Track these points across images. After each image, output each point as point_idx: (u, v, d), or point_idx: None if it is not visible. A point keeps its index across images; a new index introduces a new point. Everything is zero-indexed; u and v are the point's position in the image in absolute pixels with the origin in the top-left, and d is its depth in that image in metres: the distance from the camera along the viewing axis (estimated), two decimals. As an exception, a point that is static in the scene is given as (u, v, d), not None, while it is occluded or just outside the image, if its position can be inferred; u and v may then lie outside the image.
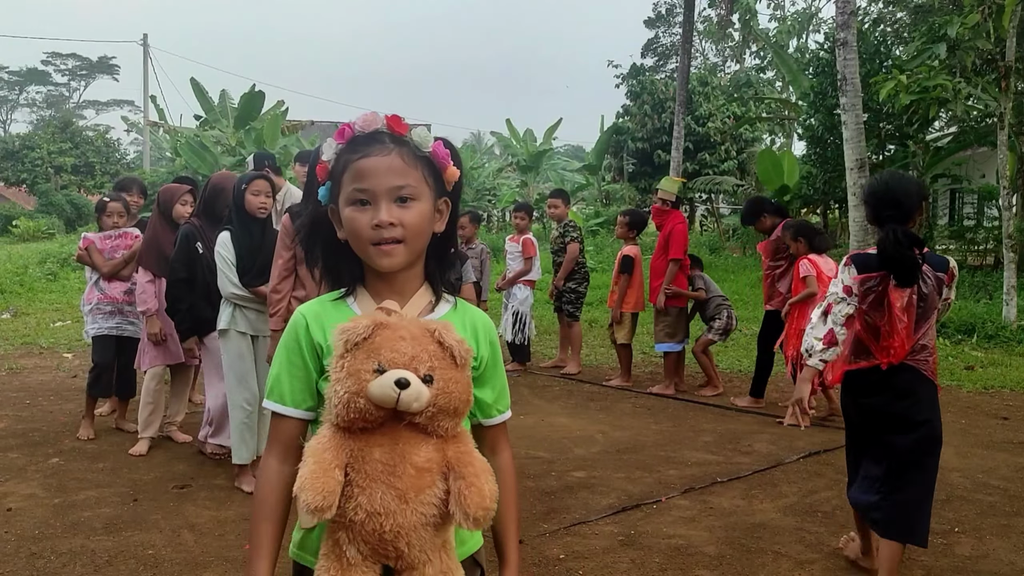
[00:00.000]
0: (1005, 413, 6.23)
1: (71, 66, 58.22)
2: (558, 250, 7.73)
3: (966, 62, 9.98)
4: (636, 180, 24.11)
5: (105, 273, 5.39)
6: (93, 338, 5.46)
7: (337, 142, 1.43)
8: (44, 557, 3.50)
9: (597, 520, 3.98)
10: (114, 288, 5.40)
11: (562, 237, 7.68)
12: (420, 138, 1.42)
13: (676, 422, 5.99)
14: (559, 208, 7.82)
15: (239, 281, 4.30)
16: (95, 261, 5.42)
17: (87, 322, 5.52)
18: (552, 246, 7.84)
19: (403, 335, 1.31)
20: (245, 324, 4.36)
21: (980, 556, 3.60)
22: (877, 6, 18.43)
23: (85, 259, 5.48)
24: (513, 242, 7.90)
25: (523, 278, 7.74)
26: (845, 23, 10.64)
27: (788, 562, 3.52)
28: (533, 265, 7.76)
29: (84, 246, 5.46)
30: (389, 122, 1.42)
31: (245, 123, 24.16)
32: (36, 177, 31.73)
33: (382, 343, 1.30)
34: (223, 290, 4.32)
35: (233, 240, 4.28)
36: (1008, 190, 10.38)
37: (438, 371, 1.31)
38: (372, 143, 1.39)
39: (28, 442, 5.28)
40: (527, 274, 7.74)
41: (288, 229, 4.08)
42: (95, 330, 5.42)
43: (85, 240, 5.49)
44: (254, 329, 4.38)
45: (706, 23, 34.04)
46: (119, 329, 5.41)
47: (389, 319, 1.35)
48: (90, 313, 5.46)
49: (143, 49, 33.22)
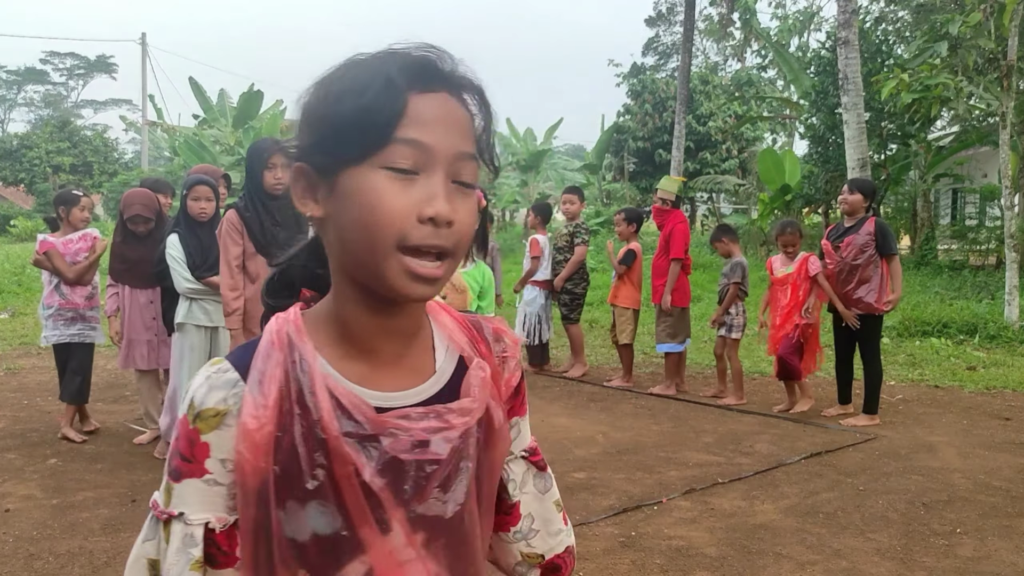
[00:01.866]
0: (1007, 414, 6.21)
1: (69, 65, 58.20)
2: (563, 247, 7.67)
3: (968, 61, 9.95)
4: (637, 179, 24.11)
5: (70, 279, 5.15)
6: (54, 346, 5.25)
7: None
8: (42, 558, 3.49)
9: (597, 521, 3.96)
10: (76, 293, 5.20)
11: (571, 237, 7.63)
12: None
13: (677, 423, 5.97)
14: (575, 204, 7.76)
15: (191, 276, 4.54)
16: (58, 266, 5.12)
17: (46, 327, 5.26)
18: (557, 242, 7.76)
19: None
20: (204, 316, 4.57)
21: (982, 557, 3.58)
22: (878, 5, 18.40)
23: (44, 264, 5.16)
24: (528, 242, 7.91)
25: (532, 278, 7.69)
26: (846, 22, 10.62)
27: (789, 563, 3.50)
28: (540, 265, 7.70)
29: (43, 250, 5.14)
30: None
31: (244, 122, 24.18)
32: (34, 176, 31.76)
33: None
34: (178, 287, 4.57)
35: (181, 241, 4.55)
36: (1010, 190, 10.35)
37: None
38: None
39: (26, 443, 5.26)
40: (534, 274, 7.69)
41: (235, 224, 4.06)
42: (56, 337, 5.19)
43: (43, 244, 5.16)
44: (212, 320, 4.57)
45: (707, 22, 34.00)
46: (81, 336, 5.24)
47: None
48: (50, 319, 5.20)
49: (142, 48, 33.21)
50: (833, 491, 4.43)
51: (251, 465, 0.87)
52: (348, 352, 0.91)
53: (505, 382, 1.02)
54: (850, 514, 4.10)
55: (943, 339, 9.17)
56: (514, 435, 1.05)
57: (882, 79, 10.49)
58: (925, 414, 6.19)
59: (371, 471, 0.87)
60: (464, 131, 0.88)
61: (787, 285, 6.04)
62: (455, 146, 0.86)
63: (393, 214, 0.83)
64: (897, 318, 9.45)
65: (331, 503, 0.87)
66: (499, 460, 1.00)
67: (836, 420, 5.94)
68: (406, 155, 0.84)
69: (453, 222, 0.85)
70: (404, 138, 0.84)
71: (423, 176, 0.85)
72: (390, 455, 0.88)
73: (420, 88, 0.85)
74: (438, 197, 0.84)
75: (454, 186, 0.87)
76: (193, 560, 0.90)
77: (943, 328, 9.49)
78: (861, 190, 5.84)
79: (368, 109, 0.83)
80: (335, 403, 0.87)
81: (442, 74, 0.88)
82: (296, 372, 0.88)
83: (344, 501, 0.87)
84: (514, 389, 1.04)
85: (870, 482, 4.58)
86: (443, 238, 0.85)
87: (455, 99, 0.88)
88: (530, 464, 1.08)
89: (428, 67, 0.87)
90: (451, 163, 0.86)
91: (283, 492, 0.87)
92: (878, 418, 5.88)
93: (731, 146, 23.65)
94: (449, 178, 0.86)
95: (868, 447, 5.29)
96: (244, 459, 0.87)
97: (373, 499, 0.87)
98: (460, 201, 0.87)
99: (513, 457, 1.06)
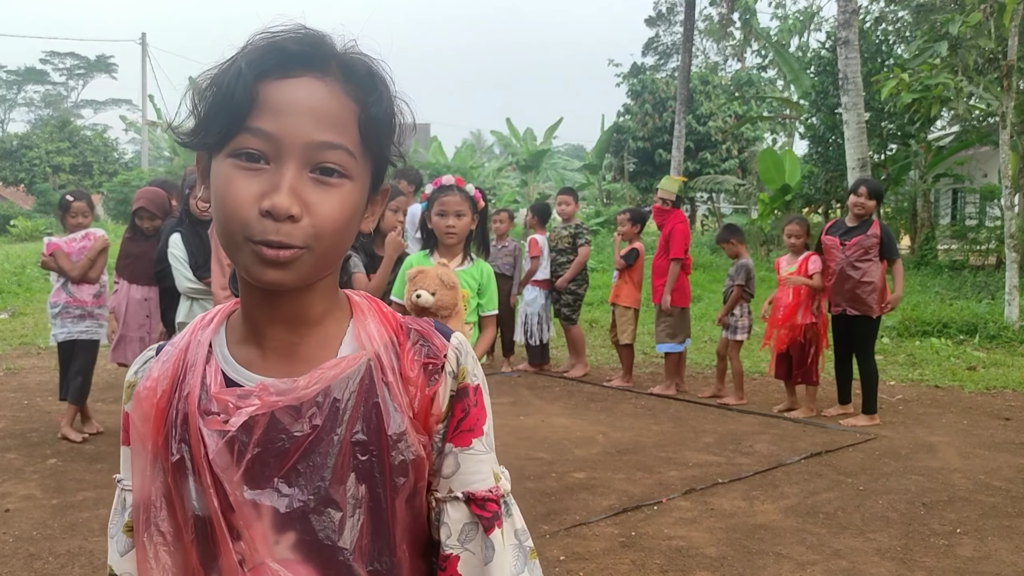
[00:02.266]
0: (1007, 414, 6.21)
1: (69, 65, 58.16)
2: (564, 249, 7.66)
3: (968, 61, 9.95)
4: (637, 179, 24.10)
5: (75, 277, 5.22)
6: (59, 344, 5.30)
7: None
8: (42, 558, 3.49)
9: (597, 521, 3.96)
10: (83, 291, 5.26)
11: (574, 238, 7.62)
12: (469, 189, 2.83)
13: (677, 423, 5.97)
14: (571, 206, 7.81)
15: (193, 275, 4.58)
16: (62, 266, 5.23)
17: (54, 325, 5.31)
18: (557, 244, 7.76)
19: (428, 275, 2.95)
20: None
21: (982, 557, 3.58)
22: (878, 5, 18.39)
23: (51, 265, 5.27)
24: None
25: (532, 278, 7.69)
26: (846, 22, 10.62)
27: (789, 563, 3.50)
28: (539, 265, 7.70)
29: (49, 251, 5.24)
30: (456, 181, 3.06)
31: (245, 122, 24.17)
32: (34, 176, 31.73)
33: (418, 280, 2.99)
34: (180, 287, 4.59)
35: (184, 241, 4.55)
36: (1010, 189, 10.35)
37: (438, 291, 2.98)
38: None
39: (26, 443, 5.26)
40: (534, 274, 7.69)
41: None
42: (64, 334, 5.24)
43: (49, 245, 5.28)
44: None
45: (707, 22, 33.98)
46: (88, 333, 5.28)
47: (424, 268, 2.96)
48: (57, 316, 5.26)
49: (141, 48, 33.24)
50: (833, 491, 4.43)
51: (140, 433, 0.91)
52: (244, 337, 0.92)
53: (422, 393, 0.91)
54: (850, 514, 4.10)
55: (943, 339, 9.16)
56: (447, 468, 0.93)
57: (882, 79, 10.49)
58: (925, 414, 6.19)
59: (215, 449, 0.86)
60: (326, 118, 0.83)
61: (788, 287, 6.05)
62: (308, 134, 0.82)
63: (237, 205, 0.81)
64: (897, 318, 9.45)
65: (199, 482, 0.87)
66: (407, 476, 0.90)
67: (836, 420, 5.94)
68: (252, 144, 0.82)
69: (296, 216, 0.81)
70: (250, 127, 0.82)
71: (272, 167, 0.82)
72: (229, 433, 0.86)
73: (277, 75, 0.83)
74: (278, 190, 0.81)
75: (311, 177, 0.83)
76: (124, 523, 0.96)
77: (943, 328, 9.48)
78: (876, 195, 5.88)
79: (222, 98, 0.83)
80: (202, 382, 0.89)
81: (304, 58, 0.84)
82: (192, 351, 0.92)
83: (201, 480, 0.86)
84: (444, 409, 0.92)
85: (870, 482, 4.58)
86: (284, 234, 0.81)
87: (321, 84, 0.84)
88: (473, 516, 0.92)
89: (286, 52, 0.84)
90: (305, 152, 0.82)
91: (167, 465, 0.89)
92: (878, 418, 5.88)
93: (731, 146, 23.63)
94: (304, 168, 0.82)
95: (868, 447, 5.29)
96: (135, 427, 0.91)
97: (218, 481, 0.86)
98: (317, 193, 0.83)
99: (451, 497, 0.92)
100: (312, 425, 0.86)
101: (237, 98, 0.82)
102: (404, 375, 0.91)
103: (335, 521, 0.87)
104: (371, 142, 0.87)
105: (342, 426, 0.87)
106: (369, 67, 0.88)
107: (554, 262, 7.70)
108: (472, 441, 0.93)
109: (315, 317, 0.91)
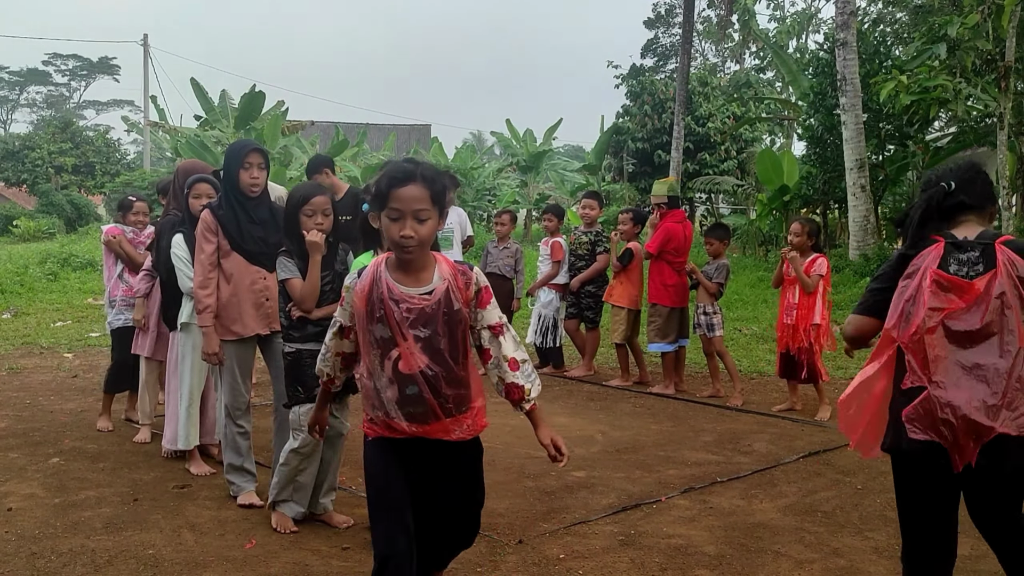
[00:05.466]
0: (1005, 413, 6.22)
1: (71, 66, 58.25)
2: (583, 255, 7.56)
3: (966, 62, 9.99)
4: (636, 180, 24.10)
5: (138, 263, 5.50)
6: (116, 331, 5.61)
7: None
8: (44, 557, 3.51)
9: (597, 520, 3.99)
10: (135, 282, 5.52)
11: (593, 245, 7.52)
12: None
13: (676, 422, 5.99)
14: (595, 210, 7.70)
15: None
16: (127, 251, 5.58)
17: (110, 314, 5.66)
18: (576, 249, 7.65)
19: None
20: None
21: (980, 556, 3.59)
22: (877, 6, 18.44)
23: (114, 246, 5.58)
24: (545, 245, 7.85)
25: (551, 282, 7.67)
26: (845, 23, 10.66)
27: (788, 562, 3.53)
28: (560, 269, 7.66)
29: (114, 234, 5.61)
30: None
31: (245, 123, 24.17)
32: (36, 177, 31.76)
33: None
34: (183, 287, 4.55)
35: (186, 241, 4.49)
36: (1008, 190, 10.40)
37: None
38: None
39: (28, 442, 5.29)
40: (554, 278, 7.67)
41: (208, 223, 4.10)
42: (121, 322, 5.55)
43: (111, 229, 5.66)
44: None
45: (706, 24, 34.05)
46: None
47: None
48: (114, 307, 5.60)
49: (143, 49, 33.27)
50: (831, 490, 4.46)
51: (356, 306, 2.50)
52: (395, 268, 2.49)
53: (464, 293, 2.49)
54: (848, 513, 4.12)
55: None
56: (476, 318, 2.54)
57: (880, 80, 10.54)
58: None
59: (398, 313, 2.42)
60: (420, 198, 2.41)
61: (795, 284, 6.06)
62: (415, 204, 2.41)
63: (392, 233, 2.44)
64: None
65: (385, 324, 2.44)
66: (461, 321, 2.48)
67: (835, 419, 5.95)
68: (393, 208, 2.42)
69: (412, 235, 2.42)
70: (390, 206, 2.42)
71: (403, 218, 2.42)
72: (404, 306, 2.43)
73: (398, 184, 2.41)
74: (405, 227, 2.41)
75: (414, 219, 2.41)
76: (335, 330, 2.64)
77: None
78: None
79: (379, 189, 2.44)
80: (387, 286, 2.44)
81: (412, 174, 2.42)
82: (375, 275, 2.47)
83: (389, 323, 2.43)
84: (473, 296, 2.52)
85: (868, 481, 4.60)
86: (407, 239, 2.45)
87: (418, 184, 2.41)
88: (492, 333, 2.56)
89: (405, 171, 2.43)
90: (413, 212, 2.41)
91: (369, 318, 2.46)
92: None
93: (730, 147, 23.63)
94: (412, 218, 2.40)
95: (866, 446, 5.30)
96: (355, 303, 2.50)
97: (396, 324, 2.42)
98: (417, 228, 2.41)
99: (481, 327, 2.56)
100: (431, 307, 2.43)
101: (384, 192, 2.43)
102: (459, 287, 2.48)
103: (438, 340, 2.44)
104: (436, 201, 2.45)
105: (440, 306, 2.44)
106: (431, 177, 2.45)
107: (572, 267, 7.65)
108: (487, 305, 2.55)
109: (422, 264, 2.49)
